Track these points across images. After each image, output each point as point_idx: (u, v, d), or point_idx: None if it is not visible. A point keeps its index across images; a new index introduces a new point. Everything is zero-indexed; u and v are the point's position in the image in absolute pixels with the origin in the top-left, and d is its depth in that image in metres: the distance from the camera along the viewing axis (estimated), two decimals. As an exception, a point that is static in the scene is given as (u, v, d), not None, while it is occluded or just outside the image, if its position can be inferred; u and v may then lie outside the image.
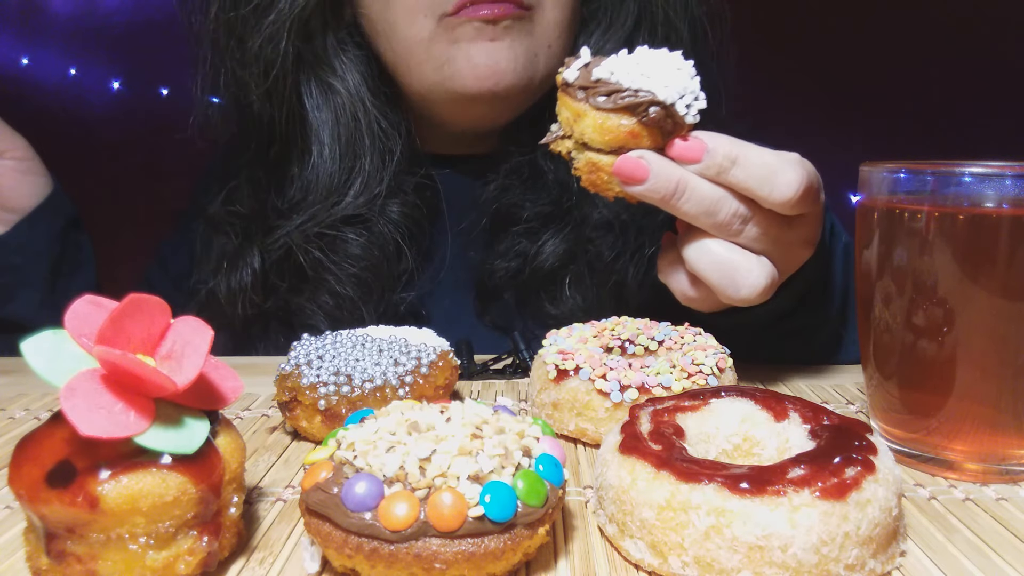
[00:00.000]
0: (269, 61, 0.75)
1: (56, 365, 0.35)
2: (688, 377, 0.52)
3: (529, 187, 0.83)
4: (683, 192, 0.53)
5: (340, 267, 0.79)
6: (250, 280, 0.80)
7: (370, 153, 0.79)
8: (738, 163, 0.53)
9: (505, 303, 0.84)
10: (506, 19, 0.72)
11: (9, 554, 0.40)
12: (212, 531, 0.37)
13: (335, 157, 0.79)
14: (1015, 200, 0.44)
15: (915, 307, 0.47)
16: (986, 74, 2.16)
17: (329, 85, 0.79)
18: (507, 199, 0.83)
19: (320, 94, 0.79)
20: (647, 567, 0.38)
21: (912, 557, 0.39)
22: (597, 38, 0.80)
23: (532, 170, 0.83)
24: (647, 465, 0.38)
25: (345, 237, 0.79)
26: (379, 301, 0.81)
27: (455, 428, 0.38)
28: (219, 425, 0.39)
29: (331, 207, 0.78)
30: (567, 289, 0.81)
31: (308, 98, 0.79)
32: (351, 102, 0.79)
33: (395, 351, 0.55)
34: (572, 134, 0.54)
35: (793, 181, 0.52)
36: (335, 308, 0.80)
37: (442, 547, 0.34)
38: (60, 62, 2.57)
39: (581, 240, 0.81)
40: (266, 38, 0.75)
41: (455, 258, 0.86)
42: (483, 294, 0.85)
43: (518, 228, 0.82)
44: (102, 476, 0.34)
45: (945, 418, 0.48)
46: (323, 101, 0.79)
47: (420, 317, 0.84)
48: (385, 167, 0.80)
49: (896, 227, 0.48)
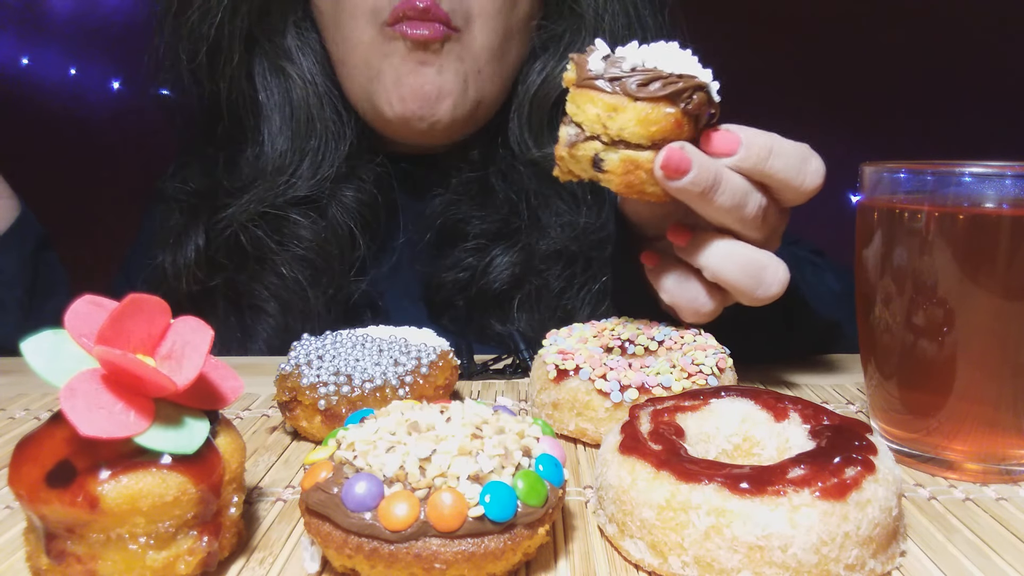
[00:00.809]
0: (204, 37, 0.76)
1: (56, 365, 0.35)
2: (688, 377, 0.52)
3: (478, 204, 0.82)
4: (720, 184, 0.51)
5: (286, 248, 0.79)
6: (193, 257, 0.79)
7: (322, 135, 0.80)
8: (774, 152, 0.51)
9: (458, 312, 0.84)
10: (435, 43, 0.72)
11: (9, 554, 0.40)
12: (212, 531, 0.37)
13: (286, 139, 0.80)
14: (1015, 200, 0.44)
15: (915, 307, 0.47)
16: (986, 74, 2.16)
17: (282, 68, 0.80)
18: (455, 214, 0.82)
19: (272, 76, 0.80)
20: (647, 567, 0.38)
21: (912, 557, 0.39)
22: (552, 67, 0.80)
23: (481, 186, 0.82)
24: (647, 465, 0.38)
25: (292, 218, 0.79)
26: (328, 285, 0.80)
27: (455, 428, 0.38)
28: (219, 425, 0.39)
29: (280, 187, 0.79)
30: (515, 311, 0.81)
31: (260, 79, 0.80)
32: (303, 86, 0.80)
33: (395, 351, 0.55)
34: (601, 133, 0.50)
35: (820, 169, 0.53)
36: (281, 289, 0.79)
37: (442, 547, 0.34)
38: (60, 62, 2.58)
39: (530, 267, 0.81)
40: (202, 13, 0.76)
41: (409, 258, 0.86)
42: (433, 305, 0.85)
43: (469, 244, 0.82)
44: (102, 476, 0.34)
45: (945, 418, 0.48)
46: (276, 83, 0.80)
47: (376, 309, 0.84)
48: (338, 150, 0.80)
49: (896, 227, 0.48)
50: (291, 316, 0.80)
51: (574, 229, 0.81)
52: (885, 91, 2.20)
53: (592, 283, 0.80)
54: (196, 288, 0.80)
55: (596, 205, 0.82)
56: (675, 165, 0.49)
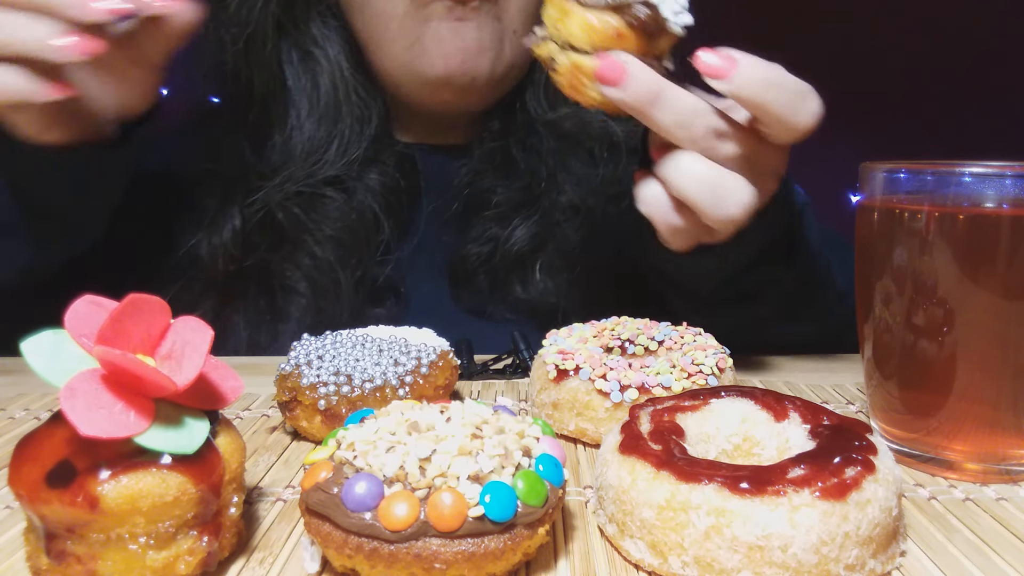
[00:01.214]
0: (246, 23, 0.78)
1: (56, 365, 0.35)
2: (688, 377, 0.52)
3: (501, 173, 0.84)
4: (659, 100, 0.52)
5: (318, 227, 0.81)
6: (230, 237, 0.81)
7: (348, 119, 0.81)
8: (772, 84, 0.51)
9: (478, 288, 0.86)
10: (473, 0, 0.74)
11: (9, 554, 0.40)
12: (212, 531, 0.37)
13: (314, 123, 0.81)
14: (1015, 200, 0.44)
15: (915, 307, 0.47)
16: (986, 74, 2.16)
17: (309, 53, 0.81)
18: (479, 184, 0.84)
19: (300, 61, 0.81)
20: (647, 567, 0.38)
21: (912, 557, 0.39)
22: None
23: (503, 157, 0.85)
24: (647, 465, 0.38)
25: (324, 198, 0.80)
26: (357, 266, 0.82)
27: (455, 428, 0.38)
28: (219, 425, 0.39)
29: (309, 168, 0.80)
30: (537, 273, 0.83)
31: (288, 65, 0.81)
32: (330, 70, 0.81)
33: (395, 351, 0.55)
34: (556, 37, 0.53)
35: (817, 109, 0.52)
36: (313, 269, 0.81)
37: (442, 547, 0.34)
38: (60, 62, 2.57)
39: (550, 224, 0.83)
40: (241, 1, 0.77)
41: (432, 241, 0.87)
42: (456, 279, 0.86)
43: (489, 213, 0.84)
44: (102, 476, 0.34)
45: (945, 418, 0.48)
46: (303, 69, 0.81)
47: (399, 295, 0.85)
48: (363, 133, 0.82)
49: (896, 227, 0.48)
50: (321, 297, 0.81)
51: (590, 183, 0.83)
52: (885, 91, 2.20)
53: (610, 236, 0.82)
54: (232, 268, 0.81)
55: (612, 161, 0.84)
56: (608, 75, 0.52)
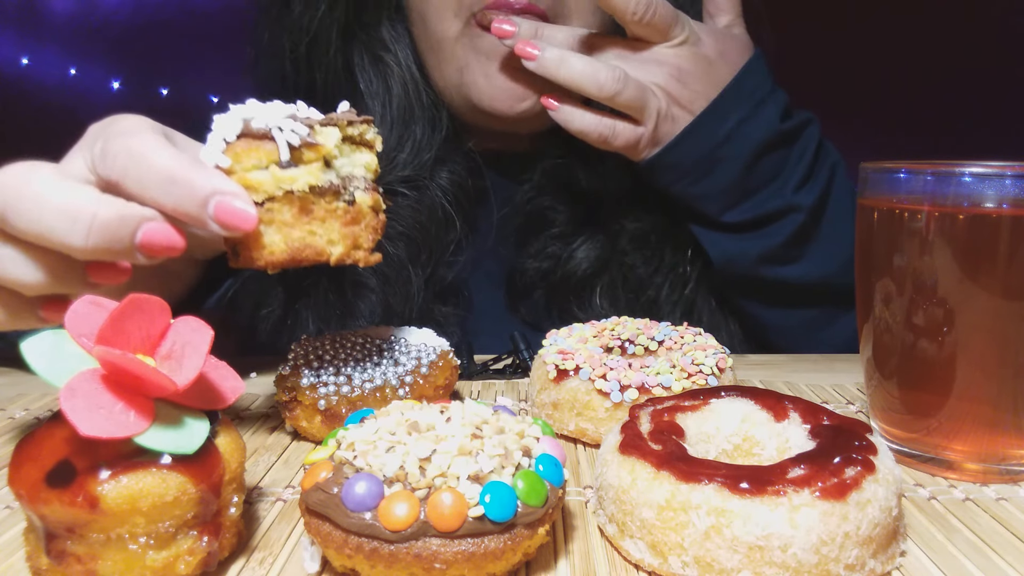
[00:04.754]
0: (308, 28, 0.77)
1: (56, 365, 0.35)
2: (688, 377, 0.52)
3: (563, 192, 0.84)
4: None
5: (391, 225, 0.80)
6: None
7: (420, 122, 0.81)
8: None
9: (536, 302, 0.86)
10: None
11: (9, 554, 0.40)
12: (212, 531, 0.37)
13: (387, 126, 0.81)
14: (1015, 200, 0.44)
15: (915, 307, 0.47)
16: (986, 74, 2.16)
17: (380, 58, 0.81)
18: (541, 201, 0.84)
19: (371, 66, 0.81)
20: (647, 567, 0.38)
21: (912, 557, 0.39)
22: None
23: (566, 175, 0.84)
24: (647, 465, 0.38)
25: (397, 194, 0.80)
26: (427, 264, 0.82)
27: (455, 428, 0.38)
28: (219, 425, 0.39)
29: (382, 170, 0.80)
30: (597, 297, 0.83)
31: (360, 71, 0.81)
32: (401, 75, 0.81)
33: (395, 351, 0.55)
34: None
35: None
36: (385, 266, 0.80)
37: (442, 547, 0.34)
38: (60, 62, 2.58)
39: (616, 251, 0.83)
40: (307, 4, 0.77)
41: (493, 247, 0.87)
42: (514, 290, 0.86)
43: (551, 232, 0.83)
44: (102, 476, 0.34)
45: (945, 418, 0.48)
46: (374, 73, 0.81)
47: (461, 298, 0.86)
48: (434, 134, 0.82)
49: (896, 227, 0.48)
50: (392, 294, 0.81)
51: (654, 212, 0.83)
52: (885, 91, 2.20)
53: (678, 267, 0.82)
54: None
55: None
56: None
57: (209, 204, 0.43)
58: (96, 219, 0.42)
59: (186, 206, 0.43)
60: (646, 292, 0.83)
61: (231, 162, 0.44)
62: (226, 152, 0.45)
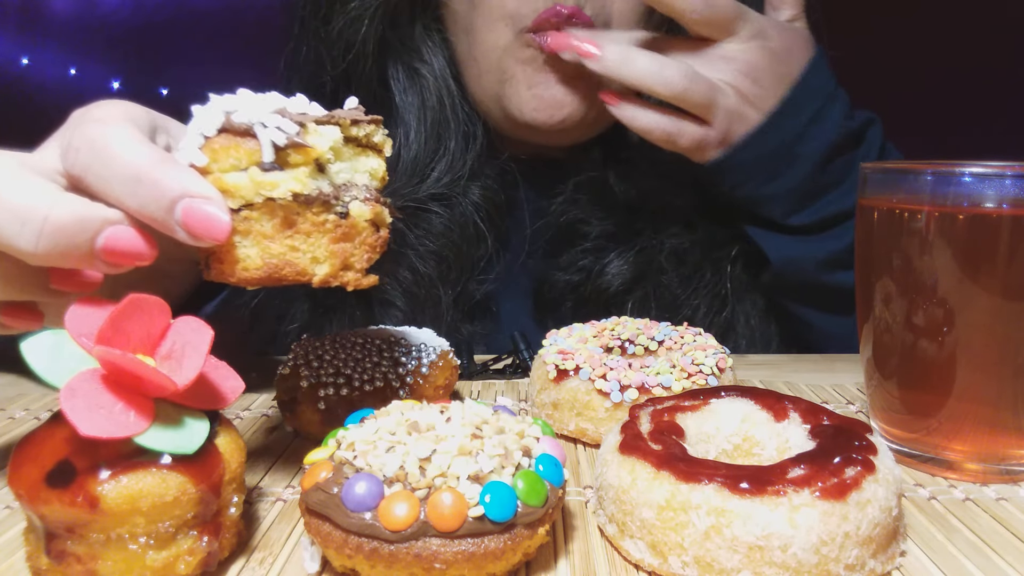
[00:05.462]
0: (349, 43, 0.76)
1: (56, 365, 0.35)
2: (688, 377, 0.52)
3: (597, 204, 0.82)
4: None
5: (421, 242, 0.79)
6: None
7: (455, 135, 0.80)
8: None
9: (564, 315, 0.83)
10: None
11: (9, 554, 0.40)
12: (212, 531, 0.37)
13: (420, 140, 0.79)
14: (1015, 200, 0.44)
15: (915, 307, 0.47)
16: (986, 74, 2.16)
17: (415, 70, 0.79)
18: (574, 213, 0.82)
19: (407, 78, 0.79)
20: (647, 567, 0.38)
21: (912, 557, 0.39)
22: None
23: (601, 187, 0.82)
24: (647, 465, 0.38)
25: (429, 211, 0.79)
26: (456, 282, 0.81)
27: (455, 428, 0.38)
28: (219, 425, 0.39)
29: (415, 184, 0.79)
30: (628, 313, 0.80)
31: (395, 83, 0.79)
32: (437, 87, 0.79)
33: (395, 351, 0.55)
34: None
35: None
36: (413, 284, 0.79)
37: (442, 547, 0.34)
38: (60, 62, 2.58)
39: (652, 268, 0.81)
40: (349, 20, 0.75)
41: (524, 255, 0.86)
42: (542, 302, 0.85)
43: (584, 245, 0.81)
44: (102, 476, 0.34)
45: (945, 418, 0.48)
46: (409, 85, 0.80)
47: (489, 313, 0.84)
48: (468, 149, 0.80)
49: (896, 227, 0.48)
50: (420, 311, 0.80)
51: (695, 230, 0.81)
52: (885, 91, 2.20)
53: (719, 288, 0.80)
54: None
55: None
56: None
57: (177, 208, 0.37)
58: (48, 221, 0.36)
59: (151, 208, 0.38)
60: (681, 311, 0.80)
61: (208, 160, 0.39)
62: (203, 149, 0.39)
